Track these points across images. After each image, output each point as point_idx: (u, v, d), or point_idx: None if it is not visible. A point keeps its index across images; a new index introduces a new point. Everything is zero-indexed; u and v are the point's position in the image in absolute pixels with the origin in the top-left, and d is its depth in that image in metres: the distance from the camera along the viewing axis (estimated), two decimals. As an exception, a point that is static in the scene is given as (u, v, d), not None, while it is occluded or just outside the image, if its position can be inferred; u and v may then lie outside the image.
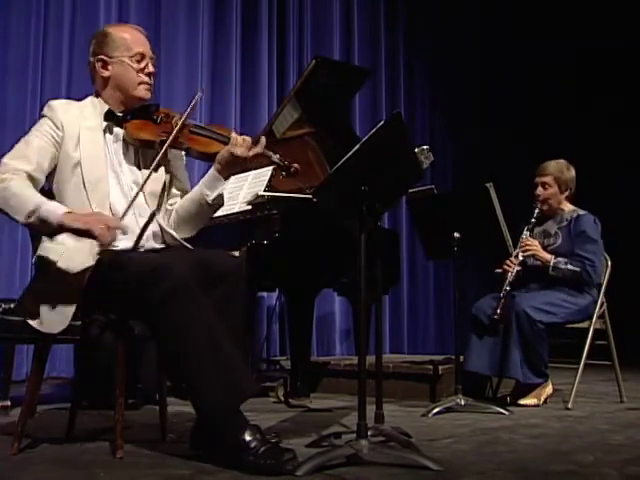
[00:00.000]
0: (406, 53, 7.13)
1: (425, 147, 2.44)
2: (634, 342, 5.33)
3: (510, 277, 3.34)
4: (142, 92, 2.20)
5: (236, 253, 3.20)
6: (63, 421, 2.36)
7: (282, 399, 3.32)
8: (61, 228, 1.94)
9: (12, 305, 2.75)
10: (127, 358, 2.06)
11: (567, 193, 3.56)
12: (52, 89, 4.41)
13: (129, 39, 2.19)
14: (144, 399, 3.13)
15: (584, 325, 3.35)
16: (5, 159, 2.06)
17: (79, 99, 2.29)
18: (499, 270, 3.47)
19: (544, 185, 3.54)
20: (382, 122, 2.02)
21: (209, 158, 2.17)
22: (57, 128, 2.12)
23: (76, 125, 2.15)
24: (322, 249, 3.32)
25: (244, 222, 3.37)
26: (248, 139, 2.14)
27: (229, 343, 1.88)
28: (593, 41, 7.02)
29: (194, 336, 1.85)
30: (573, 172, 3.58)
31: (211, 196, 2.16)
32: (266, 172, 3.38)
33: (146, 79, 2.20)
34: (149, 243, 2.18)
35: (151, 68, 2.22)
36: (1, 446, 2.09)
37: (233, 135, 2.14)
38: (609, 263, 3.48)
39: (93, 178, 2.12)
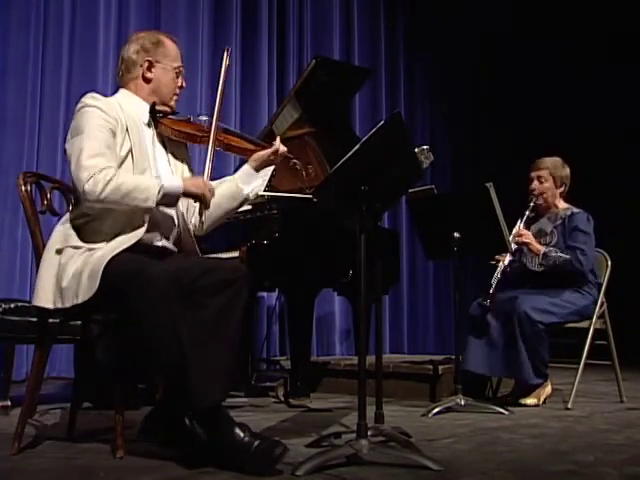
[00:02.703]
0: (406, 53, 7.13)
1: (425, 147, 2.43)
2: (634, 342, 5.33)
3: (502, 265, 3.36)
4: (173, 102, 2.33)
5: (236, 253, 3.20)
6: (63, 421, 2.36)
7: (282, 399, 3.32)
8: (182, 196, 2.12)
9: (12, 305, 2.75)
10: (127, 358, 2.06)
11: (562, 189, 3.57)
12: (52, 89, 4.41)
13: (175, 52, 2.31)
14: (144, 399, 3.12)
15: (584, 325, 3.35)
16: (86, 161, 2.02)
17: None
18: (493, 262, 3.48)
19: (540, 179, 3.55)
20: (382, 122, 2.03)
21: (244, 153, 2.38)
22: (109, 116, 2.12)
23: (121, 113, 2.17)
24: (322, 249, 3.32)
25: (244, 222, 3.37)
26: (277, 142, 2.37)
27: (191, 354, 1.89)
28: (593, 41, 7.02)
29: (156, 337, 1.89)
30: (568, 170, 3.59)
31: (246, 190, 2.33)
32: (266, 172, 3.38)
33: (178, 92, 2.34)
34: (161, 242, 2.19)
35: (184, 83, 2.35)
36: (1, 446, 2.09)
37: None
38: (609, 263, 3.48)
39: (141, 167, 2.16)
